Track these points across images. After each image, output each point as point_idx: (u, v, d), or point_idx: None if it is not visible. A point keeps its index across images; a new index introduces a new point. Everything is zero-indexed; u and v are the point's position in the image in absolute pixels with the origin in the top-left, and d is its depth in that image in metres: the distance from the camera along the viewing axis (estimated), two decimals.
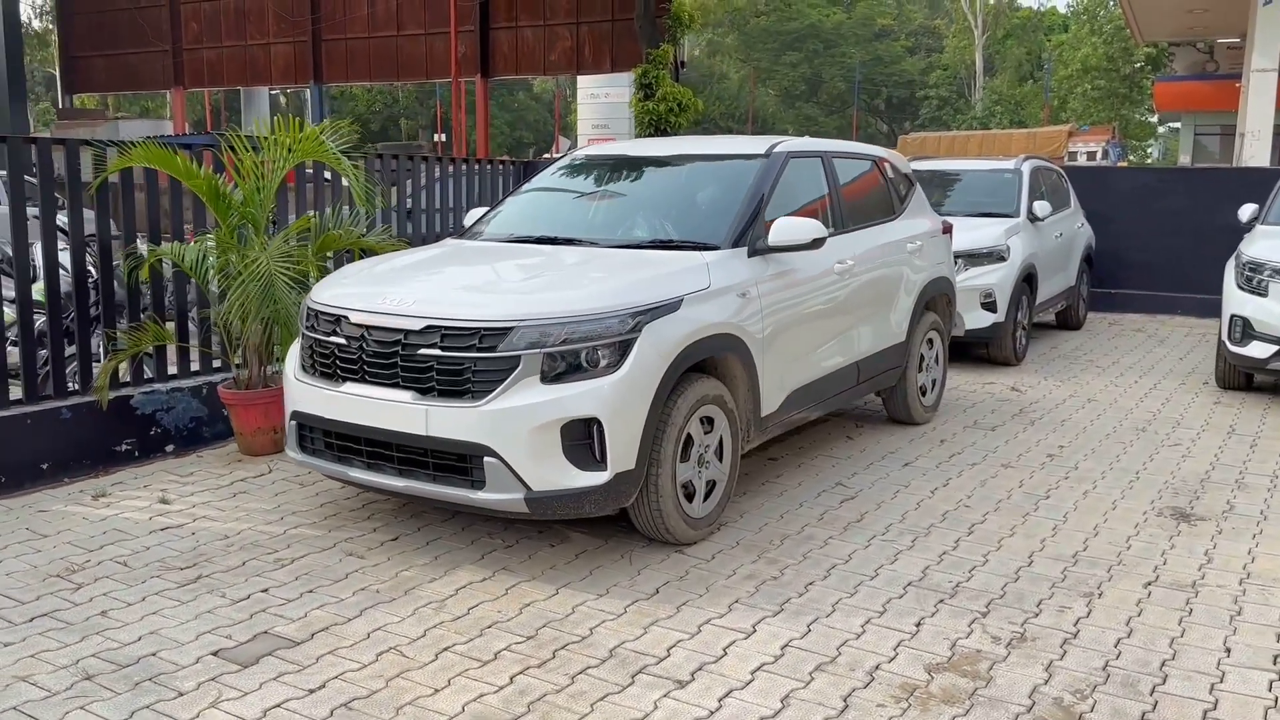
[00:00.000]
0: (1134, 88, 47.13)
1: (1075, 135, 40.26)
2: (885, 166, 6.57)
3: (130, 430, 5.69)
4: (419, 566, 4.28)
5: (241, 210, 5.53)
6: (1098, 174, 14.28)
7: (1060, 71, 50.34)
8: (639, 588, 4.10)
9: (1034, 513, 5.06)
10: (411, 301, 4.25)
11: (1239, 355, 7.51)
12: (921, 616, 3.87)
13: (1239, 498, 5.33)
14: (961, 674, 3.43)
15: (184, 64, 22.12)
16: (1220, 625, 3.82)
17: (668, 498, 4.32)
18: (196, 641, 3.60)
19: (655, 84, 15.69)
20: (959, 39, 61.02)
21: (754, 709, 3.20)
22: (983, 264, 8.64)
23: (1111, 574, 4.30)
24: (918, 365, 6.57)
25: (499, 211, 5.74)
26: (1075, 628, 3.79)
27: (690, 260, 4.66)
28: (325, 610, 3.85)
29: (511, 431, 3.97)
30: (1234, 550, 4.58)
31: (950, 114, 58.49)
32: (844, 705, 3.23)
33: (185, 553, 4.40)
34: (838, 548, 4.56)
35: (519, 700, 3.23)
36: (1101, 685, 3.37)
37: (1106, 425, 6.81)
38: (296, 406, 4.55)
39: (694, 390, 4.42)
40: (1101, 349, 9.86)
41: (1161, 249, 12.15)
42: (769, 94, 64.48)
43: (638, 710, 3.18)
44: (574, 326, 4.06)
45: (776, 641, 3.65)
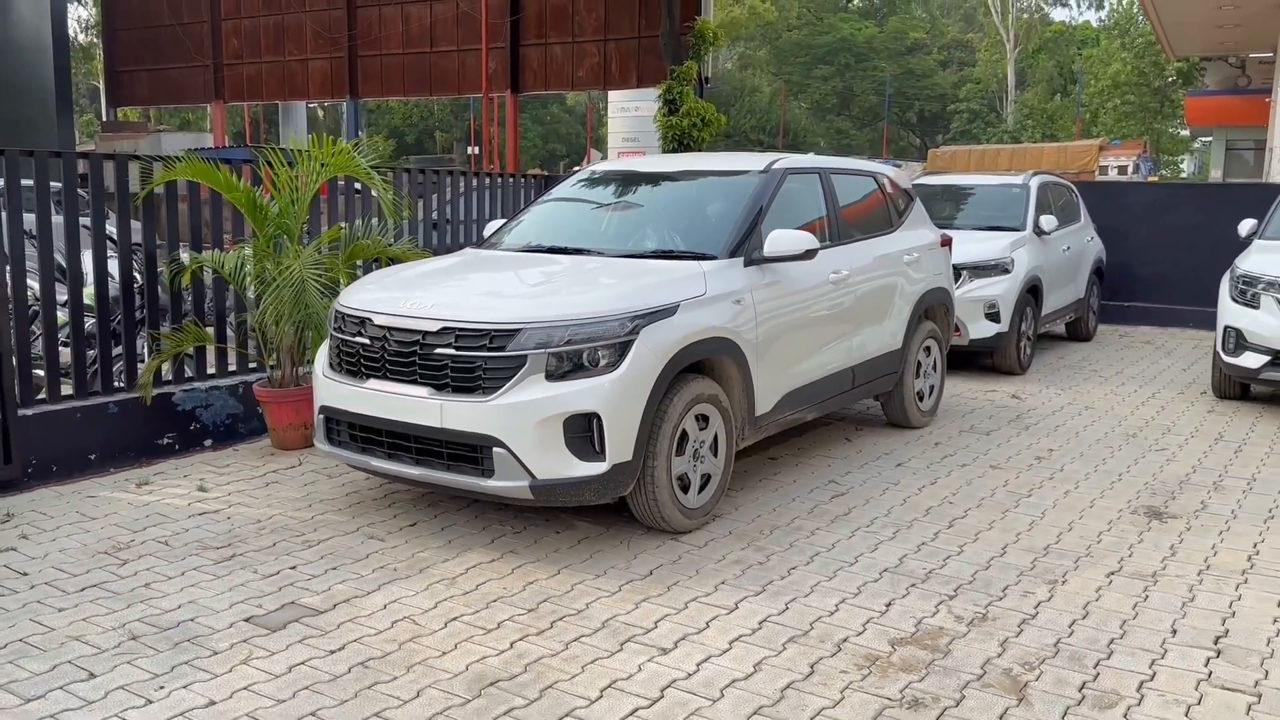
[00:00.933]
0: (1165, 102, 46.97)
1: (1106, 150, 40.19)
2: (884, 182, 6.90)
3: (172, 425, 6.12)
4: (434, 549, 4.65)
5: (277, 221, 5.95)
6: (1112, 189, 14.50)
7: (1091, 86, 50.25)
8: (634, 569, 4.45)
9: (1014, 509, 5.36)
10: (430, 305, 4.64)
11: (1233, 365, 7.75)
12: (893, 598, 4.19)
13: (1214, 498, 5.59)
14: (922, 647, 3.75)
15: (224, 78, 22.81)
16: (1171, 610, 4.11)
17: (663, 488, 4.67)
18: (230, 609, 3.99)
19: (679, 99, 16.06)
20: (991, 53, 61.06)
21: (727, 672, 3.54)
22: (987, 276, 8.92)
23: (1078, 564, 4.60)
24: (914, 371, 6.88)
25: (515, 223, 6.13)
26: (1035, 610, 4.10)
27: (688, 269, 5.01)
28: (347, 585, 4.23)
29: (518, 424, 4.34)
30: (1198, 545, 4.86)
31: (981, 128, 58.47)
32: (810, 670, 3.56)
33: (221, 534, 4.80)
34: (823, 538, 4.89)
35: (517, 662, 3.59)
36: (1050, 659, 3.67)
37: (1098, 431, 7.08)
38: (324, 401, 4.95)
39: (689, 389, 4.77)
40: (1107, 360, 10.10)
41: (1174, 263, 12.36)
42: (800, 107, 64.77)
43: (623, 672, 3.53)
44: (576, 329, 4.43)
45: (755, 617, 3.99)
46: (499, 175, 9.20)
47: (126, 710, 3.24)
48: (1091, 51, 52.41)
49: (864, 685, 3.46)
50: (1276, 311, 7.48)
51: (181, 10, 22.79)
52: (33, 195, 5.45)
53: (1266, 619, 4.03)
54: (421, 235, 7.90)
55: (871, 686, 3.45)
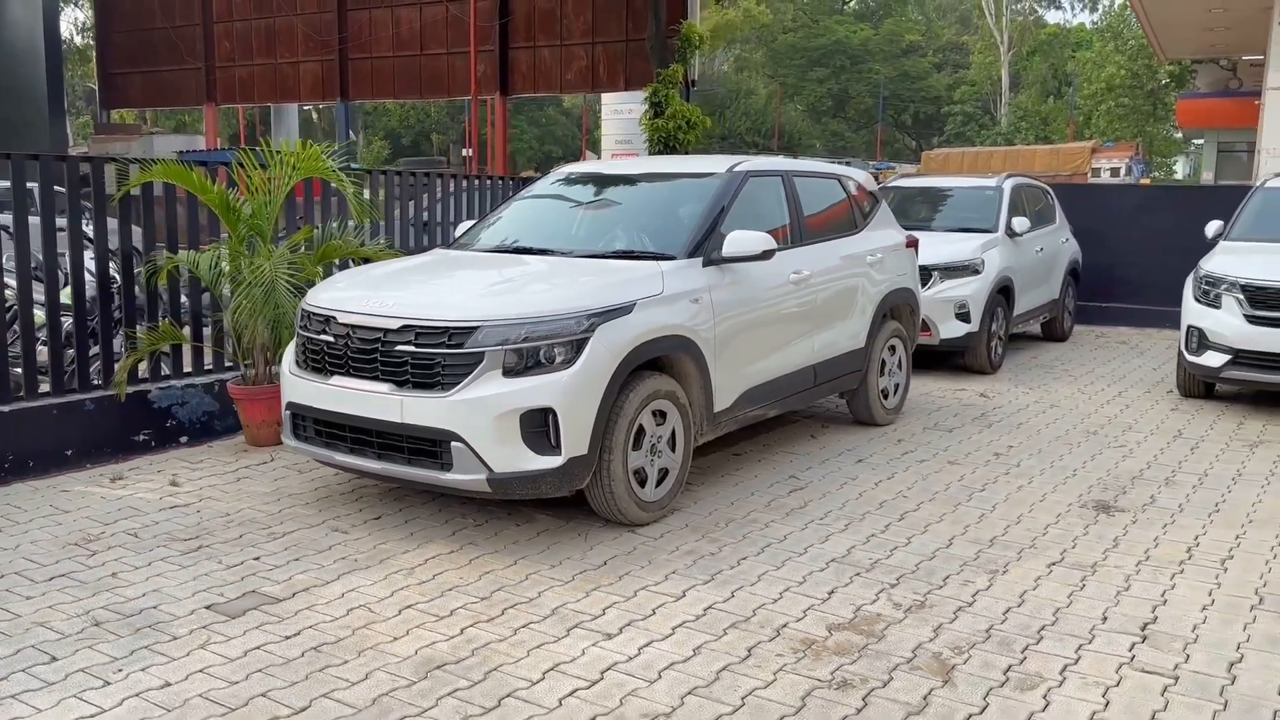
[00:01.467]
0: (1158, 104, 47.16)
1: (1099, 152, 40.35)
2: (849, 185, 7.04)
3: (147, 422, 6.25)
4: (395, 540, 4.79)
5: (250, 222, 6.09)
6: (1091, 191, 14.65)
7: (1085, 89, 50.45)
8: (589, 560, 4.59)
9: (966, 503, 5.50)
10: (391, 304, 4.78)
11: (1195, 364, 7.89)
12: (835, 586, 4.33)
13: (1164, 493, 5.73)
14: (858, 632, 3.89)
15: (216, 81, 22.95)
16: (1105, 599, 4.25)
17: (619, 482, 4.80)
18: (192, 598, 4.12)
19: (665, 102, 16.22)
20: (985, 55, 61.31)
21: (667, 655, 3.67)
22: (958, 277, 9.07)
23: (1021, 555, 4.74)
24: (879, 370, 7.02)
25: (485, 224, 6.27)
26: (972, 598, 4.24)
27: (646, 269, 5.15)
28: (307, 574, 4.37)
29: (476, 419, 4.48)
30: (1141, 537, 5.00)
31: (975, 130, 58.69)
32: (747, 654, 3.70)
33: (189, 527, 4.93)
34: (776, 530, 5.02)
35: (465, 646, 3.72)
36: (980, 644, 3.81)
37: (1060, 428, 7.22)
38: (291, 398, 5.08)
39: (646, 385, 4.90)
40: (1080, 360, 10.24)
41: (1151, 264, 12.49)
42: (796, 110, 64.99)
43: (566, 655, 3.67)
44: (533, 326, 4.57)
45: (701, 604, 4.12)
46: (486, 177, 9.34)
47: (85, 691, 3.37)
48: (1085, 54, 52.60)
49: (797, 667, 3.60)
50: (1237, 311, 7.63)
51: (174, 13, 22.94)
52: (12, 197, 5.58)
53: (1195, 606, 4.17)
54: (410, 237, 8.04)
55: (804, 669, 3.59)
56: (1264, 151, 18.95)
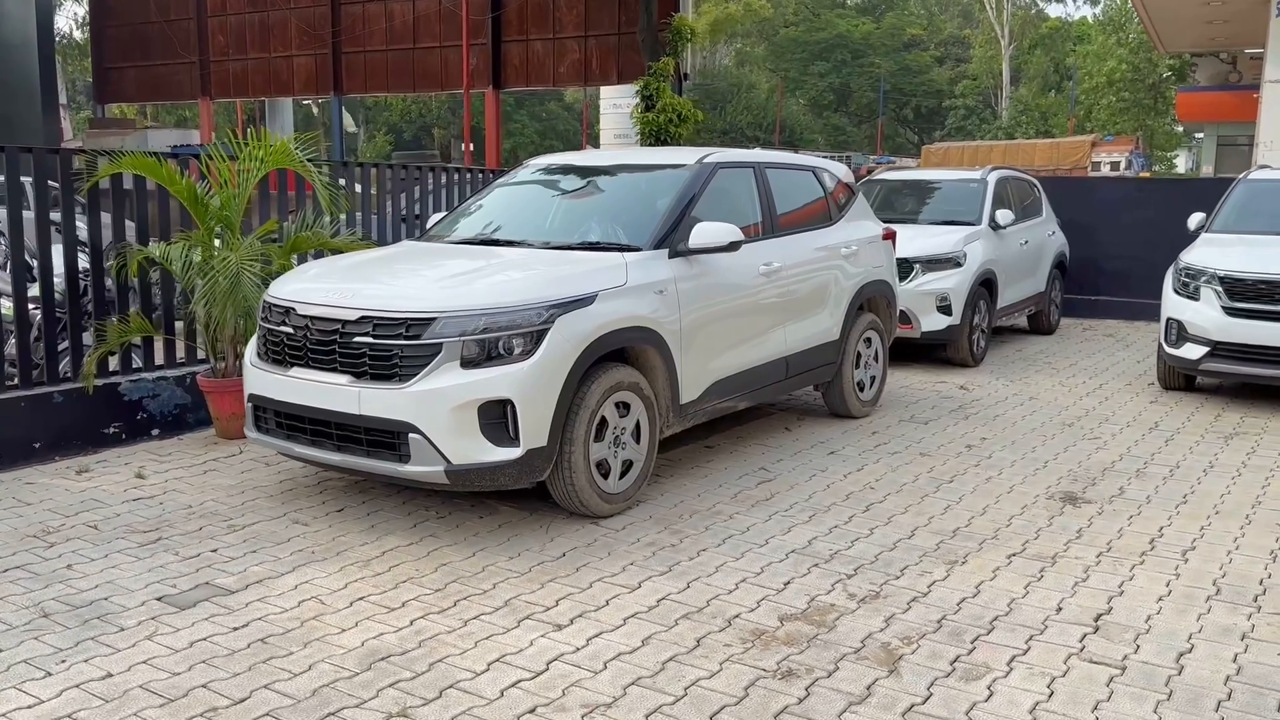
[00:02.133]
0: (1159, 98, 47.02)
1: (1099, 146, 40.23)
2: (823, 176, 7.01)
3: (118, 415, 6.25)
4: (356, 533, 4.78)
5: (218, 214, 6.07)
6: (1080, 184, 14.60)
7: (1085, 83, 50.32)
8: (548, 552, 4.58)
9: (933, 494, 5.48)
10: (350, 295, 4.77)
11: (1175, 357, 7.87)
12: (792, 577, 4.32)
13: (1133, 484, 5.71)
14: (809, 623, 3.88)
15: (211, 75, 22.94)
16: (1062, 590, 4.23)
17: (580, 474, 4.79)
18: (145, 589, 4.11)
19: (656, 96, 16.18)
20: (987, 49, 61.15)
21: (615, 646, 3.66)
22: (940, 269, 9.04)
23: (982, 547, 4.72)
24: (854, 362, 6.99)
25: (455, 216, 6.26)
26: (928, 589, 4.22)
27: (609, 260, 5.14)
28: (263, 566, 4.36)
29: (433, 411, 4.46)
30: (1105, 529, 4.98)
31: (976, 124, 58.56)
32: (695, 644, 3.68)
33: (150, 519, 4.93)
34: (740, 521, 5.01)
35: (413, 638, 3.72)
36: (931, 634, 3.80)
37: (1036, 420, 7.19)
38: (253, 389, 5.08)
39: (609, 377, 4.89)
40: (1065, 352, 10.21)
41: (1139, 257, 12.44)
42: (798, 104, 64.87)
43: (514, 647, 3.65)
44: (491, 317, 4.55)
45: (655, 595, 4.11)
46: (477, 170, 9.32)
47: (25, 682, 3.37)
48: (1086, 48, 52.45)
49: (744, 657, 3.59)
50: (1216, 303, 7.60)
51: (168, 7, 22.93)
52: None
53: (1151, 598, 4.15)
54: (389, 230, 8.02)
55: (751, 659, 3.58)
56: (1262, 145, 18.89)
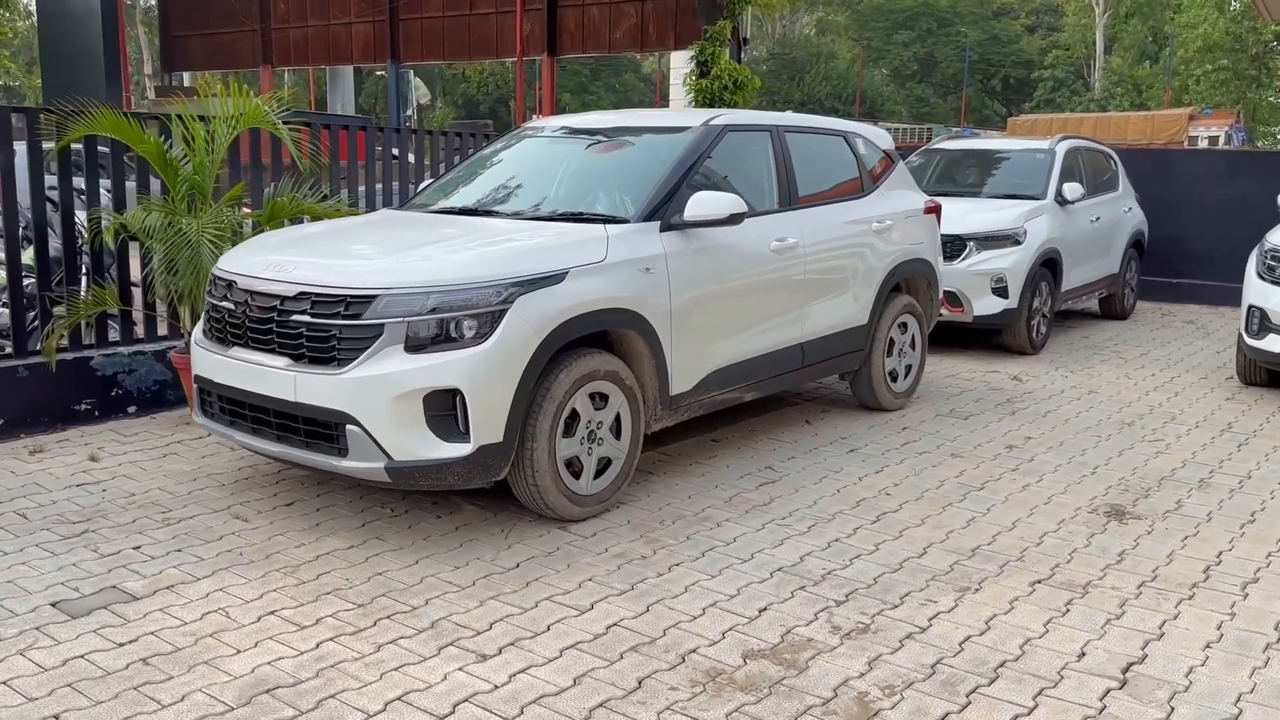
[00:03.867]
0: (1263, 69, 44.48)
1: (1197, 119, 38.23)
2: (856, 142, 6.33)
3: (90, 391, 5.90)
4: (296, 532, 4.32)
5: (190, 179, 5.66)
6: (1162, 156, 13.52)
7: (1182, 53, 47.86)
8: (500, 561, 4.06)
9: (958, 504, 4.83)
10: (291, 269, 4.29)
11: (1256, 349, 7.04)
12: (771, 602, 3.74)
13: (1193, 497, 4.99)
14: (777, 662, 3.30)
15: (272, 43, 22.76)
16: (1089, 629, 3.58)
17: (544, 473, 4.26)
18: (44, 591, 3.70)
19: (711, 61, 15.45)
20: (1080, 17, 58.56)
21: (540, 685, 3.13)
22: (996, 247, 8.27)
23: (1003, 570, 4.08)
24: (885, 349, 6.33)
25: (441, 182, 5.75)
26: (929, 622, 3.61)
27: (587, 233, 4.57)
28: (180, 569, 3.92)
29: (372, 400, 3.97)
30: (1152, 552, 4.29)
31: (1067, 96, 56.20)
32: (636, 685, 3.14)
33: (85, 508, 4.54)
34: (729, 530, 4.43)
35: (311, 665, 3.23)
36: (920, 682, 3.19)
37: (1092, 418, 6.45)
38: (198, 370, 4.64)
39: (581, 365, 4.34)
40: (1137, 340, 9.36)
41: (1225, 237, 11.44)
42: (880, 74, 63.06)
43: (422, 681, 3.15)
44: (441, 296, 4.03)
45: (605, 621, 3.57)
46: None
47: None
48: (1185, 17, 49.84)
49: (687, 706, 3.03)
50: None
51: None
52: None
53: (1197, 643, 3.48)
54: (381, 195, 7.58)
55: (695, 708, 3.02)
56: None
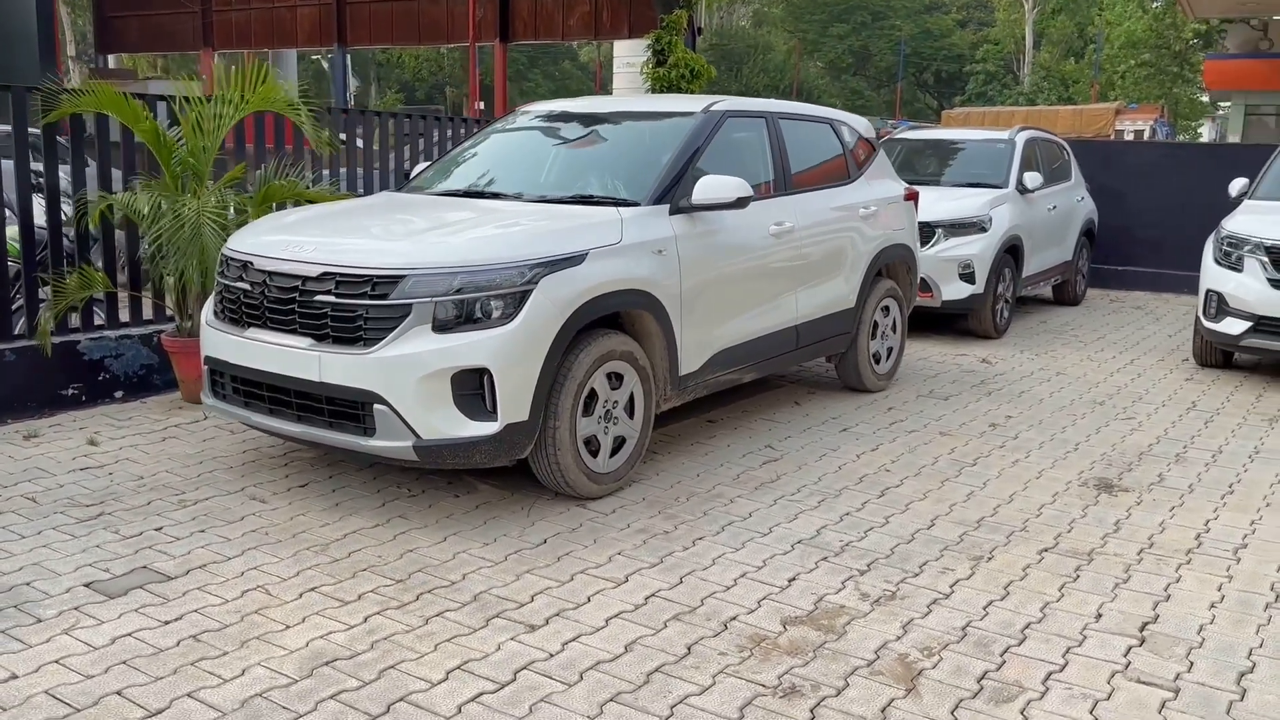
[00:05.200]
0: (1185, 65, 45.90)
1: (1123, 114, 39.27)
2: (842, 130, 6.48)
3: (77, 375, 5.80)
4: (316, 512, 4.33)
5: (185, 160, 5.59)
6: (1108, 148, 13.97)
7: (1108, 49, 49.18)
8: (527, 538, 4.13)
9: (954, 479, 5.01)
10: (311, 249, 4.29)
11: (1214, 331, 7.35)
12: (798, 572, 3.86)
13: (1173, 470, 5.23)
14: (816, 628, 3.42)
15: (214, 25, 22.26)
16: (1101, 592, 3.77)
17: (566, 451, 4.33)
18: (74, 573, 3.68)
19: (668, 50, 15.55)
20: (1009, 13, 59.77)
21: (594, 653, 3.22)
22: (963, 234, 8.50)
23: (1010, 540, 4.25)
24: (870, 332, 6.49)
25: (438, 166, 5.76)
26: (950, 589, 3.76)
27: (603, 215, 4.64)
28: (208, 549, 3.92)
29: (401, 379, 4.00)
30: (1145, 521, 4.50)
31: (998, 89, 57.34)
32: (686, 652, 3.24)
33: (95, 491, 4.49)
34: (742, 506, 4.55)
35: (365, 639, 3.27)
36: (954, 644, 3.34)
37: (1065, 398, 6.70)
38: (209, 352, 4.61)
39: (599, 345, 4.42)
40: (1092, 325, 9.69)
41: (1170, 226, 11.87)
42: (815, 66, 63.69)
43: (478, 651, 3.21)
44: (467, 276, 4.07)
45: (643, 591, 3.66)
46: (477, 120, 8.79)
47: None
48: (1112, 14, 51.19)
49: (740, 669, 3.14)
50: (1261, 275, 7.06)
51: None
52: None
53: (1202, 604, 3.68)
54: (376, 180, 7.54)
55: (748, 671, 3.13)
56: None
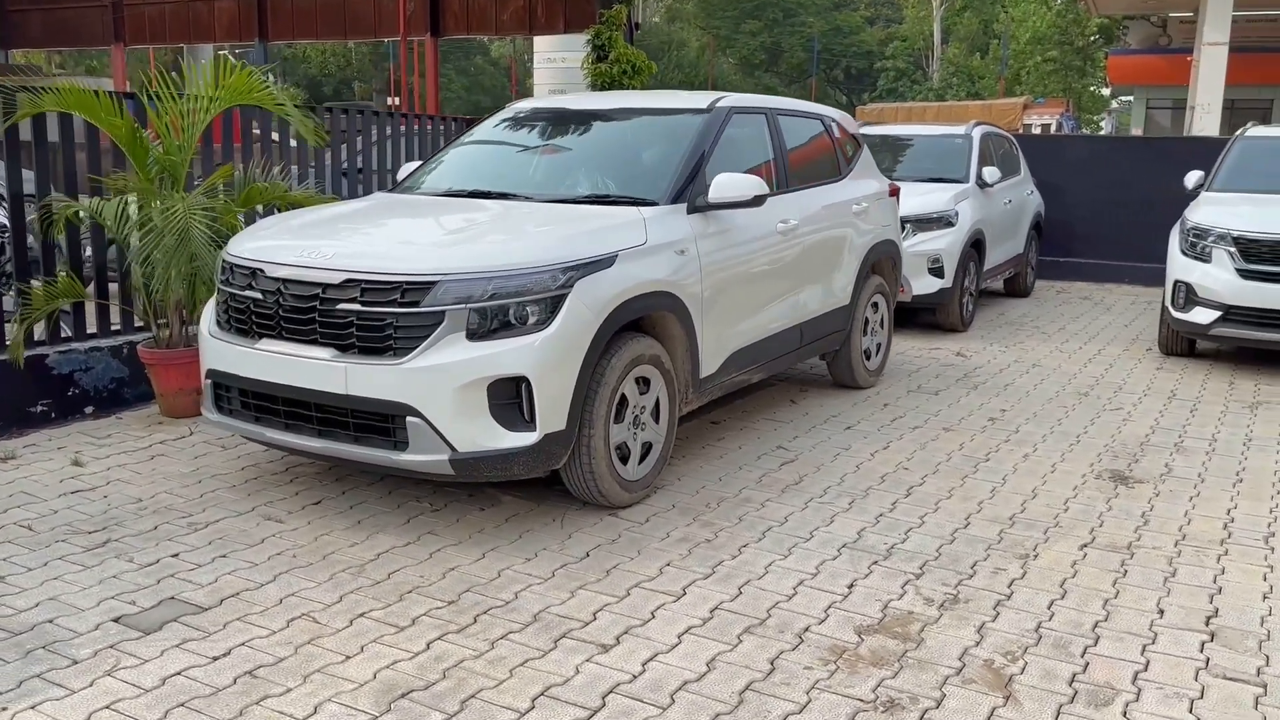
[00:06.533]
0: (1087, 60, 47.41)
1: (1030, 108, 40.33)
2: (832, 126, 6.44)
3: (46, 391, 5.45)
4: (340, 531, 4.12)
5: (161, 159, 5.28)
6: (1047, 142, 14.29)
7: (1014, 45, 50.54)
8: (569, 552, 3.98)
9: (973, 475, 5.01)
10: (330, 254, 4.07)
11: (1182, 321, 7.52)
12: (854, 578, 3.79)
13: (1177, 461, 5.31)
14: (892, 635, 3.36)
15: (124, 19, 21.36)
16: (1154, 587, 3.78)
17: (600, 459, 4.19)
18: (98, 608, 3.42)
19: (608, 45, 15.42)
20: (918, 9, 60.98)
21: (678, 672, 3.10)
22: (931, 229, 8.56)
23: (1048, 536, 4.25)
24: (862, 329, 6.48)
25: (433, 165, 5.55)
26: (1009, 589, 3.73)
27: (626, 215, 4.51)
28: (237, 575, 3.69)
29: (435, 390, 3.82)
30: (1170, 512, 4.55)
31: (908, 85, 58.44)
32: (770, 668, 3.14)
33: (95, 516, 4.20)
34: (774, 510, 4.47)
35: (434, 666, 3.10)
36: (1033, 647, 3.30)
37: (1049, 390, 6.78)
38: (212, 364, 4.35)
39: (629, 350, 4.28)
40: (1048, 316, 9.86)
41: (1109, 218, 12.19)
42: (728, 63, 64.11)
43: (558, 675, 3.07)
44: (501, 281, 3.91)
45: (706, 604, 3.55)
46: (429, 119, 8.53)
47: None
48: (1018, 10, 52.61)
49: (831, 684, 3.05)
50: (1229, 265, 7.25)
51: None
52: None
53: (1255, 595, 3.72)
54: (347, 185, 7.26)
55: (840, 685, 3.04)
56: (1199, 106, 18.86)
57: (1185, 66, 25.60)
